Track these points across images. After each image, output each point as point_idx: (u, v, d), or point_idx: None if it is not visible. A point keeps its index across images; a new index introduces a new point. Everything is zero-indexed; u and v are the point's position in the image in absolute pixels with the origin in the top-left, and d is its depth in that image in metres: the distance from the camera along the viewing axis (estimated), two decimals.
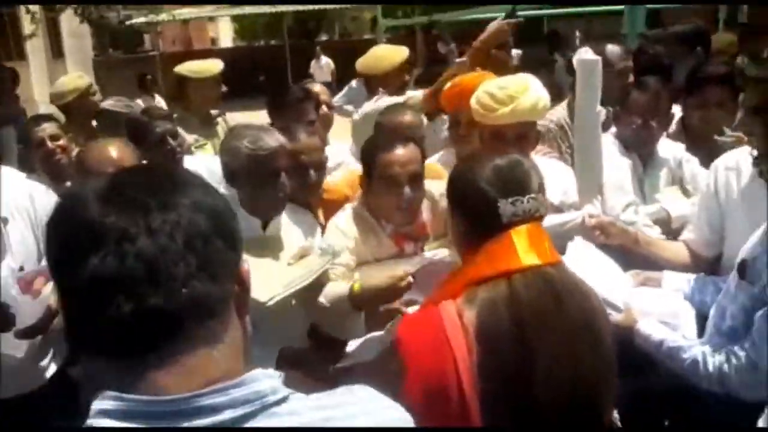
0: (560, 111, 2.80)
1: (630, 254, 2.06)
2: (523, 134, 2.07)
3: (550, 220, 1.98)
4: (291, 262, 1.89)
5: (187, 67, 3.53)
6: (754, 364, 1.49)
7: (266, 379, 0.69)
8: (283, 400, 0.69)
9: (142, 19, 17.98)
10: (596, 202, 2.23)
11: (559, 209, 2.17)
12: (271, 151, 1.83)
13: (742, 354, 1.52)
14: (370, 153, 1.97)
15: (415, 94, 3.11)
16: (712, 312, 1.71)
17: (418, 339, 1.26)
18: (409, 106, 2.68)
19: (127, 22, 17.91)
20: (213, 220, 0.70)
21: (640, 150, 2.37)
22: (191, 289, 0.66)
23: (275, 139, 1.86)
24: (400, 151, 1.91)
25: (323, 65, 15.72)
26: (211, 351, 0.68)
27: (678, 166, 2.40)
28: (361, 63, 3.47)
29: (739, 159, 2.00)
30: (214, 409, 0.65)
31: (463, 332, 1.21)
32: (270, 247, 1.91)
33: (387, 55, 3.48)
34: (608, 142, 2.34)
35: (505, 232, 1.28)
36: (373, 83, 3.35)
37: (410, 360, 1.25)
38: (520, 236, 1.28)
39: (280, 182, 1.86)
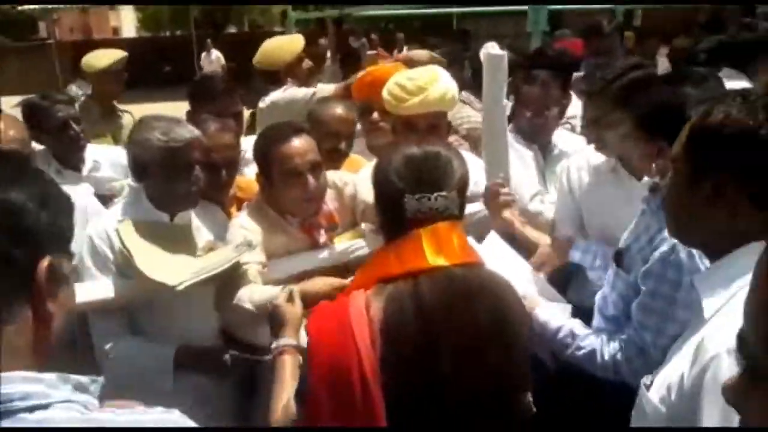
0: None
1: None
2: (434, 124, 2.14)
3: (469, 207, 2.07)
4: (200, 254, 1.85)
5: (88, 58, 3.41)
6: (641, 350, 1.54)
7: (22, 384, 0.68)
8: (40, 407, 0.68)
9: (35, 6, 16.89)
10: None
11: (468, 199, 2.24)
12: (184, 143, 1.77)
13: (629, 341, 1.57)
14: (266, 147, 1.93)
15: (326, 87, 3.09)
16: (597, 299, 1.76)
17: (324, 328, 1.26)
18: (341, 99, 2.63)
19: (20, 8, 16.78)
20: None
21: (537, 141, 2.49)
22: None
23: (189, 131, 1.80)
24: (297, 142, 1.90)
25: (213, 59, 14.89)
26: None
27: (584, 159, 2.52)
28: (258, 57, 3.39)
29: (589, 157, 2.16)
30: None
31: (368, 324, 1.22)
32: (178, 239, 1.85)
33: (283, 46, 3.41)
34: (510, 135, 2.43)
35: (414, 230, 1.27)
36: (274, 76, 3.27)
37: (315, 348, 1.25)
38: (428, 235, 1.26)
39: (194, 176, 1.80)
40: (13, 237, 0.71)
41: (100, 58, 3.43)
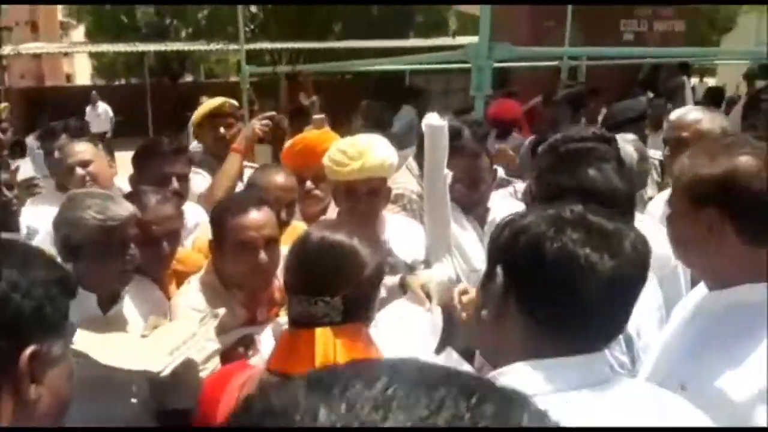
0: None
1: None
2: (373, 190, 2.17)
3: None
4: (145, 334, 1.77)
5: None
6: None
7: None
8: None
9: None
10: (446, 261, 2.31)
11: (411, 268, 2.23)
12: (122, 222, 1.70)
13: None
14: (221, 216, 1.89)
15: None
16: None
17: (205, 391, 1.34)
18: (283, 167, 2.60)
19: None
20: None
21: (473, 212, 2.51)
22: None
23: (125, 208, 1.74)
24: (255, 215, 1.86)
25: (101, 113, 13.60)
26: None
27: None
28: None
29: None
30: None
31: (233, 403, 1.22)
32: (113, 324, 1.77)
33: (203, 106, 3.24)
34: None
35: (292, 328, 1.28)
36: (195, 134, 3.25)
37: (199, 405, 1.34)
38: (293, 339, 1.26)
39: (129, 254, 1.73)
40: None
41: None
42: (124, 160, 2.80)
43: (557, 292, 0.94)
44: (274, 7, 20.94)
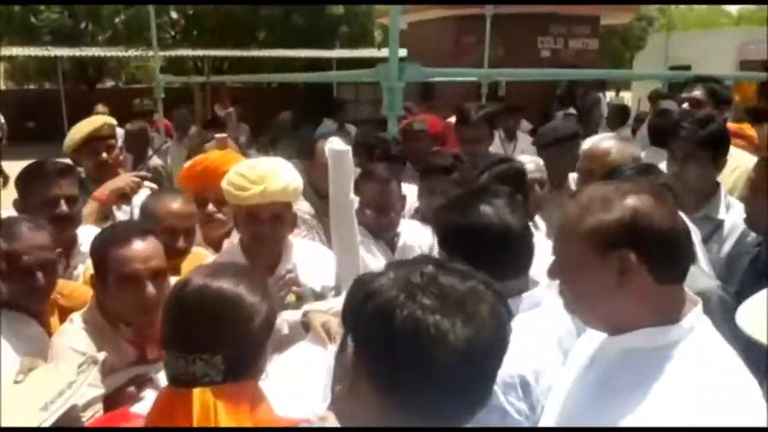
0: None
1: None
2: (277, 215, 2.09)
3: (318, 305, 1.99)
4: (19, 380, 1.62)
5: None
6: None
7: None
8: None
9: None
10: None
11: (320, 295, 2.17)
12: None
13: None
14: (103, 247, 1.76)
15: None
16: None
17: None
18: (178, 192, 2.47)
19: None
20: None
21: (382, 237, 2.48)
22: None
23: None
24: (139, 246, 1.74)
25: None
26: None
27: (430, 250, 2.54)
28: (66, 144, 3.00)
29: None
30: None
31: None
32: None
33: (76, 130, 2.96)
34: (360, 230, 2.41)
35: (169, 387, 1.20)
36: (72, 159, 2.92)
37: None
38: (166, 400, 1.19)
39: None
40: None
41: None
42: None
43: (407, 365, 0.87)
44: (196, 14, 20.47)
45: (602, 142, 2.51)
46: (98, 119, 2.95)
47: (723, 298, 1.75)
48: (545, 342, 1.55)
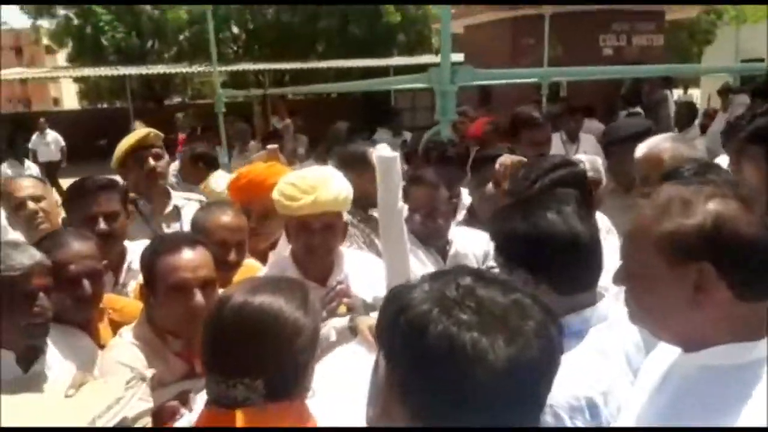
0: None
1: None
2: (328, 225, 2.07)
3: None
4: (70, 394, 1.63)
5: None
6: None
7: None
8: None
9: None
10: None
11: (372, 306, 2.12)
12: (24, 271, 1.57)
13: None
14: (152, 257, 1.76)
15: None
16: None
17: None
18: (229, 204, 2.46)
19: None
20: None
21: (432, 244, 2.41)
22: None
23: (29, 256, 1.60)
24: (189, 255, 1.73)
25: (50, 141, 12.41)
26: None
27: (484, 258, 2.45)
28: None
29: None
30: None
31: None
32: (36, 383, 1.62)
33: (124, 142, 2.93)
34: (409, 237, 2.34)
35: (210, 407, 1.17)
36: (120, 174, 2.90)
37: None
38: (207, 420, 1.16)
39: (38, 306, 1.60)
40: None
41: None
42: None
43: (441, 386, 0.79)
44: (256, 28, 20.93)
45: (656, 145, 2.36)
46: (144, 130, 2.94)
47: None
48: (613, 360, 1.43)
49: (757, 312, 1.07)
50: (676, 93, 13.07)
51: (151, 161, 2.82)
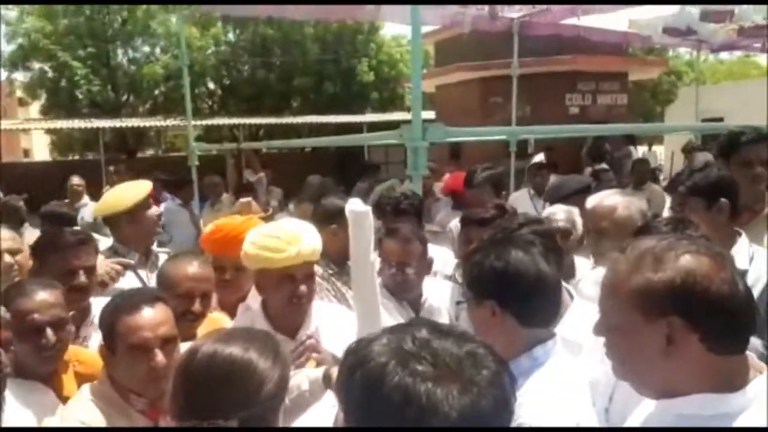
0: None
1: None
2: (310, 274, 2.10)
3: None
4: None
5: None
6: None
7: None
8: None
9: None
10: None
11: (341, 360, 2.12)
12: None
13: None
14: (112, 316, 1.73)
15: None
16: None
17: None
18: (195, 255, 2.47)
19: None
20: None
21: (405, 297, 2.43)
22: None
23: None
24: (149, 313, 1.72)
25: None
26: None
27: (451, 303, 2.47)
28: (101, 205, 2.97)
29: None
30: None
31: None
32: None
33: (120, 197, 2.86)
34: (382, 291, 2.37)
35: None
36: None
37: None
38: None
39: None
40: None
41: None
42: None
43: None
44: (232, 84, 21.21)
45: (606, 198, 2.47)
46: (143, 188, 2.90)
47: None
48: (579, 390, 1.50)
49: (733, 364, 1.09)
50: (641, 149, 13.49)
51: (153, 214, 2.86)
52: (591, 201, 2.51)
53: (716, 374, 1.08)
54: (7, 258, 2.41)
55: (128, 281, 2.61)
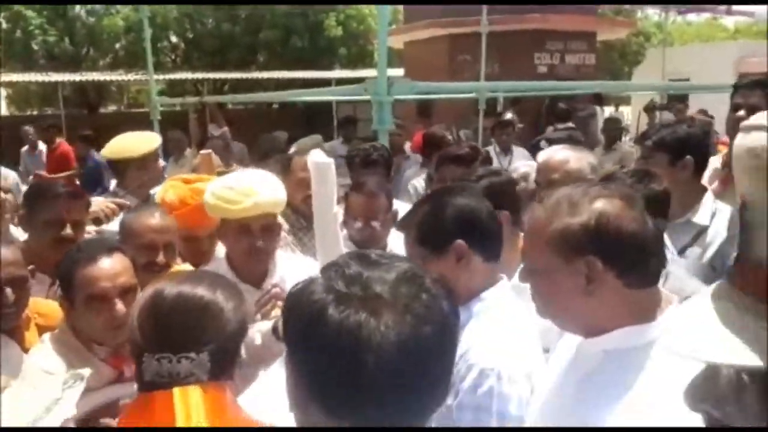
0: None
1: None
2: (268, 227, 2.09)
3: None
4: None
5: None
6: None
7: None
8: None
9: None
10: None
11: None
12: None
13: None
14: (69, 268, 1.72)
15: None
16: None
17: None
18: (157, 207, 2.45)
19: None
20: None
21: (369, 249, 2.46)
22: None
23: None
24: (106, 263, 1.70)
25: None
26: None
27: None
28: (111, 149, 3.09)
29: None
30: None
31: None
32: None
33: (131, 145, 3.03)
34: (343, 243, 2.38)
35: (144, 393, 1.15)
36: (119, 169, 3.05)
37: None
38: (152, 402, 1.13)
39: None
40: None
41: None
42: None
43: (337, 372, 0.80)
44: (196, 37, 20.64)
45: (558, 152, 2.51)
46: (155, 139, 3.08)
47: None
48: (531, 336, 1.56)
49: (648, 297, 1.19)
50: (608, 110, 13.62)
51: (161, 166, 3.06)
52: (542, 155, 2.55)
53: (634, 308, 1.17)
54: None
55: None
